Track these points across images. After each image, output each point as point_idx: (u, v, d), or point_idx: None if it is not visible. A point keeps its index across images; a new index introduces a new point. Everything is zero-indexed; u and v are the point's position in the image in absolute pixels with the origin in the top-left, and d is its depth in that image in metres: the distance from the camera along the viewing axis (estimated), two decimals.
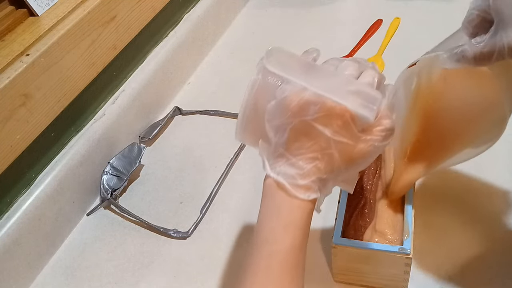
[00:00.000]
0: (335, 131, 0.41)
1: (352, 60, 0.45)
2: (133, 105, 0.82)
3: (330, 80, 0.43)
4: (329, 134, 0.40)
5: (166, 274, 0.65)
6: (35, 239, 0.66)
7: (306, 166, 0.41)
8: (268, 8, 1.13)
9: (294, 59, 0.45)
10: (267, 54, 0.45)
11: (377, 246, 0.54)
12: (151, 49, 0.90)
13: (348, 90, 0.41)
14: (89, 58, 0.73)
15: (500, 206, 0.65)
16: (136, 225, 0.72)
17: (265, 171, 0.43)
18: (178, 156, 0.81)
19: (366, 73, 0.44)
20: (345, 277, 0.59)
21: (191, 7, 1.00)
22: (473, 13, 0.43)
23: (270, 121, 0.43)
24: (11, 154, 0.63)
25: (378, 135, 0.42)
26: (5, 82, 0.60)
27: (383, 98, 0.42)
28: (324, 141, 0.41)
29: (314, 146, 0.41)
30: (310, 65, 0.44)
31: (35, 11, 0.69)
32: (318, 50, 0.47)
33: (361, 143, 0.42)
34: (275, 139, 0.43)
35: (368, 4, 1.05)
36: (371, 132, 0.42)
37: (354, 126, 0.41)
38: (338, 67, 0.44)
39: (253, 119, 0.46)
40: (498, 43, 0.40)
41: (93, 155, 0.74)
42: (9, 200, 0.65)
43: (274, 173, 0.42)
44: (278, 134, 0.42)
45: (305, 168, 0.41)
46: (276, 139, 0.43)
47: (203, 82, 0.96)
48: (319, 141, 0.41)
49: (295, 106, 0.41)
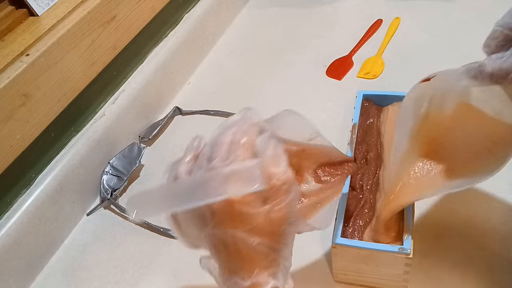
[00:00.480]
0: (244, 229, 0.39)
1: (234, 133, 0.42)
2: (133, 105, 0.82)
3: (198, 187, 0.40)
4: (241, 234, 0.39)
5: (166, 274, 0.65)
6: (35, 239, 0.66)
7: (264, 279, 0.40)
8: (268, 8, 1.13)
9: (155, 194, 0.44)
10: (127, 208, 0.44)
11: (377, 246, 0.54)
12: (151, 49, 0.90)
13: (223, 180, 0.38)
14: (89, 58, 0.73)
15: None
16: (136, 225, 0.72)
17: None
18: (178, 156, 0.81)
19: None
20: (345, 277, 0.59)
21: (191, 7, 1.00)
22: (497, 30, 0.42)
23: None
24: (11, 154, 0.63)
25: (280, 196, 0.39)
26: (5, 82, 0.60)
27: (264, 158, 0.39)
28: (242, 243, 0.39)
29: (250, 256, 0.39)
30: (172, 188, 0.43)
31: (35, 11, 0.69)
32: (200, 138, 0.45)
33: (271, 214, 0.39)
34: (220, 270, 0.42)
35: (368, 4, 1.05)
36: (274, 196, 0.39)
37: (252, 207, 0.38)
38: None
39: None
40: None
41: (93, 155, 0.74)
42: (9, 200, 0.65)
43: None
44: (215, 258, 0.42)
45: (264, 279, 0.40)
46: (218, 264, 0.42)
47: (203, 82, 0.96)
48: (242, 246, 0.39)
49: (185, 229, 0.42)
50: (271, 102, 0.88)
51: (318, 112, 0.84)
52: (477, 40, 0.88)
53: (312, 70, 0.92)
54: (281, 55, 0.98)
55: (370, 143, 0.66)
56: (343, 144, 0.77)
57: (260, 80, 0.94)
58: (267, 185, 0.38)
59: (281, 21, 0.84)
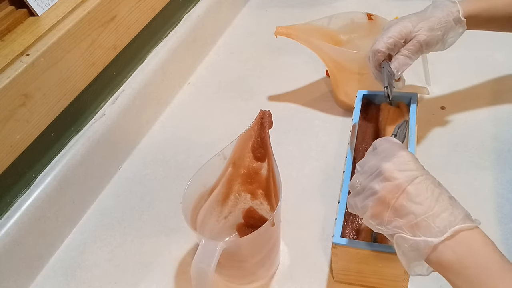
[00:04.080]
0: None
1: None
2: (133, 105, 0.82)
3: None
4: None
5: (166, 274, 0.65)
6: (35, 239, 0.66)
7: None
8: (268, 8, 1.13)
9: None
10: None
11: (377, 246, 0.54)
12: (151, 49, 0.90)
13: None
14: (89, 58, 0.73)
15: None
16: (136, 225, 0.72)
17: (429, 245, 0.43)
18: (178, 156, 0.81)
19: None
20: (345, 277, 0.59)
21: (191, 7, 1.00)
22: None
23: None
24: (11, 154, 0.63)
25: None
26: (5, 82, 0.60)
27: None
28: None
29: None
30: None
31: (35, 11, 0.69)
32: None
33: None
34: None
35: (368, 4, 1.05)
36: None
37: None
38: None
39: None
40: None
41: (93, 155, 0.74)
42: (9, 200, 0.65)
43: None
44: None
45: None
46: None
47: (203, 82, 0.96)
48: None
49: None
50: (271, 102, 0.88)
51: (318, 112, 0.84)
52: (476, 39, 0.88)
53: (312, 70, 0.92)
54: (281, 55, 0.99)
55: (370, 143, 0.66)
56: (343, 144, 0.78)
57: (260, 80, 0.94)
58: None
59: (281, 21, 0.84)
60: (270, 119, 0.61)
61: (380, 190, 0.46)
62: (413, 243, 0.43)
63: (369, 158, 0.50)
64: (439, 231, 0.42)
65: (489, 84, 0.83)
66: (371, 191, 0.47)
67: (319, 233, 0.66)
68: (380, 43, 0.63)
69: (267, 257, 0.59)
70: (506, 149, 0.72)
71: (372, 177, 0.47)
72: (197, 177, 0.59)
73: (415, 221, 0.43)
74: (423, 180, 0.45)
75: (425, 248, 0.43)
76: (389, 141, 0.50)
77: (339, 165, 0.72)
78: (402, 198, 0.44)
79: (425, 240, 0.43)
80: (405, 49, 0.64)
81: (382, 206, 0.45)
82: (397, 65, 0.63)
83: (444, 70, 0.86)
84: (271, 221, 0.53)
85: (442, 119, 0.78)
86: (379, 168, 0.47)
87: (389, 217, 0.45)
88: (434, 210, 0.43)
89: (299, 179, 0.74)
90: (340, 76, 0.81)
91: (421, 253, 0.43)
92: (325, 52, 0.78)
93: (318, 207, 0.69)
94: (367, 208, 0.47)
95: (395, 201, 0.45)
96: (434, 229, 0.42)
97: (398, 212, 0.44)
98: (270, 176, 0.62)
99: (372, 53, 0.65)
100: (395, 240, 0.45)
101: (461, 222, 0.42)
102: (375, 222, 0.46)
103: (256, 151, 0.62)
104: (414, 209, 0.44)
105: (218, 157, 0.61)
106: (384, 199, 0.45)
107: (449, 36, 0.65)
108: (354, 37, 0.84)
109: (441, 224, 0.42)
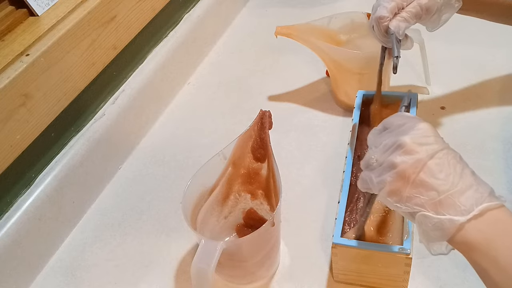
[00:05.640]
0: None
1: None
2: (133, 105, 0.82)
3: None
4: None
5: (166, 274, 0.65)
6: (35, 239, 0.66)
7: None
8: (268, 8, 1.13)
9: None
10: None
11: (377, 246, 0.54)
12: (151, 49, 0.90)
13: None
14: (89, 58, 0.73)
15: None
16: (136, 225, 0.72)
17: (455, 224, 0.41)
18: (178, 156, 0.81)
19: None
20: (345, 277, 0.59)
21: (191, 7, 1.00)
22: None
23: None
24: (11, 154, 0.63)
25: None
26: (5, 82, 0.60)
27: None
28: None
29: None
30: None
31: (35, 11, 0.69)
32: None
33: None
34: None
35: (368, 4, 1.05)
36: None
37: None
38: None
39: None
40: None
41: (93, 155, 0.74)
42: (9, 200, 0.65)
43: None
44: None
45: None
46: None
47: (203, 82, 0.96)
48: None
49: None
50: (271, 102, 0.88)
51: (318, 112, 0.84)
52: (476, 39, 0.88)
53: (312, 70, 0.92)
54: (281, 55, 0.99)
55: None
56: (343, 144, 0.77)
57: (260, 80, 0.94)
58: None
59: (281, 21, 0.84)
60: (270, 120, 0.61)
61: (399, 164, 0.43)
62: (438, 222, 0.41)
63: (383, 137, 0.46)
64: (465, 210, 0.40)
65: (489, 84, 0.83)
66: (390, 164, 0.44)
67: (319, 233, 0.66)
68: (382, 10, 0.61)
69: (267, 257, 0.59)
70: (506, 149, 0.72)
71: (391, 150, 0.44)
72: (197, 177, 0.59)
73: (438, 198, 0.41)
74: (444, 154, 0.43)
75: (450, 227, 0.40)
76: (403, 115, 0.48)
77: (339, 165, 0.72)
78: (423, 174, 0.42)
79: (451, 219, 0.40)
80: (404, 11, 0.61)
81: (402, 181, 0.43)
82: (395, 24, 0.61)
83: (444, 70, 0.86)
84: (271, 221, 0.53)
85: (442, 119, 0.78)
86: (397, 141, 0.44)
87: (409, 194, 0.42)
88: (458, 186, 0.41)
89: (299, 179, 0.74)
90: (340, 76, 0.81)
91: (446, 232, 0.41)
92: (325, 52, 0.78)
93: (318, 207, 0.69)
94: (385, 183, 0.44)
95: (415, 177, 0.42)
96: (460, 207, 0.40)
97: (419, 188, 0.42)
98: (270, 176, 0.62)
99: (375, 21, 0.62)
100: (416, 219, 0.42)
101: (488, 200, 0.40)
102: (393, 199, 0.43)
103: (256, 152, 0.62)
104: (437, 186, 0.41)
105: (218, 157, 0.61)
106: (404, 174, 0.42)
107: (444, 11, 0.64)
108: (354, 37, 0.84)
109: (466, 202, 0.40)
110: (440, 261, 0.60)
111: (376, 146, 0.46)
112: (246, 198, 0.65)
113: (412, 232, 0.54)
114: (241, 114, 0.87)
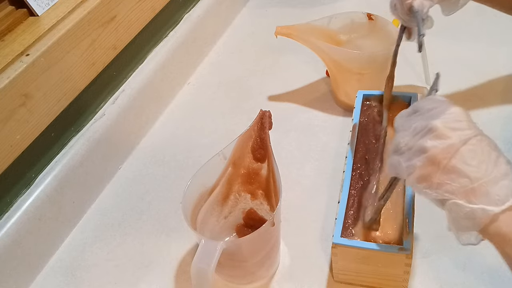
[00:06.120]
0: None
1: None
2: (133, 105, 0.82)
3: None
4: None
5: (166, 274, 0.65)
6: (35, 239, 0.66)
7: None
8: (268, 8, 1.13)
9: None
10: None
11: (377, 246, 0.54)
12: (151, 49, 0.90)
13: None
14: (89, 58, 0.73)
15: None
16: (136, 225, 0.72)
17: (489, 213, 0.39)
18: (178, 156, 0.81)
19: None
20: (345, 277, 0.59)
21: (191, 7, 1.00)
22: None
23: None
24: (11, 154, 0.63)
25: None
26: (5, 82, 0.60)
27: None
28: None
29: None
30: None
31: (35, 11, 0.69)
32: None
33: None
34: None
35: (368, 4, 1.05)
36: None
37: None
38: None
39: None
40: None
41: (93, 155, 0.74)
42: (9, 200, 0.65)
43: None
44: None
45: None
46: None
47: (203, 82, 0.96)
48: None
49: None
50: (271, 102, 0.88)
51: (318, 112, 0.84)
52: (477, 39, 0.88)
53: (312, 70, 0.92)
54: (281, 55, 0.99)
55: (370, 143, 0.66)
56: (343, 144, 0.77)
57: (260, 80, 0.94)
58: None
59: (281, 21, 0.84)
60: (270, 120, 0.61)
61: (430, 148, 0.41)
62: (469, 211, 0.39)
63: (413, 120, 0.44)
64: (499, 200, 0.38)
65: (490, 84, 0.83)
66: (420, 149, 0.42)
67: (319, 233, 0.66)
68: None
69: (267, 257, 0.59)
70: (507, 149, 0.72)
71: (421, 134, 0.42)
72: (197, 177, 0.59)
73: (471, 186, 0.39)
74: (478, 141, 0.41)
75: (482, 217, 0.39)
76: (434, 98, 0.45)
77: (339, 165, 0.72)
78: (455, 160, 0.40)
79: (484, 208, 0.38)
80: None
81: (432, 166, 0.41)
82: (419, 3, 0.59)
83: (444, 70, 0.86)
84: (271, 221, 0.53)
85: None
86: (428, 125, 0.42)
87: (439, 180, 0.41)
88: (492, 175, 0.39)
89: (299, 179, 0.74)
90: (340, 76, 0.81)
91: (477, 222, 0.39)
92: (325, 52, 0.78)
93: (318, 207, 0.69)
94: (414, 168, 0.42)
95: (447, 162, 0.40)
96: (494, 196, 0.38)
97: (451, 174, 0.40)
98: (270, 176, 0.62)
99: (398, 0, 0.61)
100: (446, 207, 0.41)
101: None
102: (422, 185, 0.42)
103: (256, 152, 0.62)
104: (469, 173, 0.39)
105: (218, 157, 0.61)
106: (435, 158, 0.41)
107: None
108: (354, 37, 0.84)
109: (501, 191, 0.38)
110: (440, 261, 0.60)
111: (405, 130, 0.45)
112: (246, 198, 0.65)
113: (412, 232, 0.54)
114: (241, 114, 0.87)
